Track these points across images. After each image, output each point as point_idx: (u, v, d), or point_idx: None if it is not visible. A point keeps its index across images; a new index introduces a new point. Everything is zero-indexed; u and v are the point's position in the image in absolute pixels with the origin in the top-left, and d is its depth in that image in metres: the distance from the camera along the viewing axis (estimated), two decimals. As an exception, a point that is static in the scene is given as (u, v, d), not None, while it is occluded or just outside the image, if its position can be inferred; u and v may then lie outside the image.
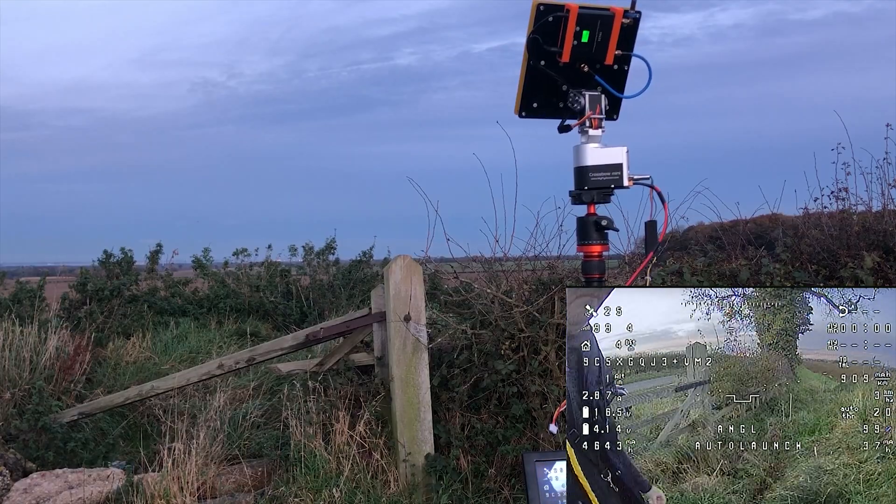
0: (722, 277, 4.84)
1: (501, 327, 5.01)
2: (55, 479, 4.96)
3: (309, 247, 11.29)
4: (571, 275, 5.14)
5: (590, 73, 2.16)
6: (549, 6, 2.09)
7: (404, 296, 4.98)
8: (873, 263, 4.51)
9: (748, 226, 5.80)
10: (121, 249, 9.99)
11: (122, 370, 7.78)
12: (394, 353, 4.98)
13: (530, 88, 2.18)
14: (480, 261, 5.55)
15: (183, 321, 9.54)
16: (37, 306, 8.66)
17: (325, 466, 4.71)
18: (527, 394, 4.89)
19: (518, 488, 4.59)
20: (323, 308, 10.02)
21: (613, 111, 2.24)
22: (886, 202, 5.18)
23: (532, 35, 2.10)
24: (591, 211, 2.15)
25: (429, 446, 4.92)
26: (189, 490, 4.54)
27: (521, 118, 2.22)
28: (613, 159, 2.11)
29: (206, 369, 5.80)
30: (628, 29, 2.15)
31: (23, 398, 6.19)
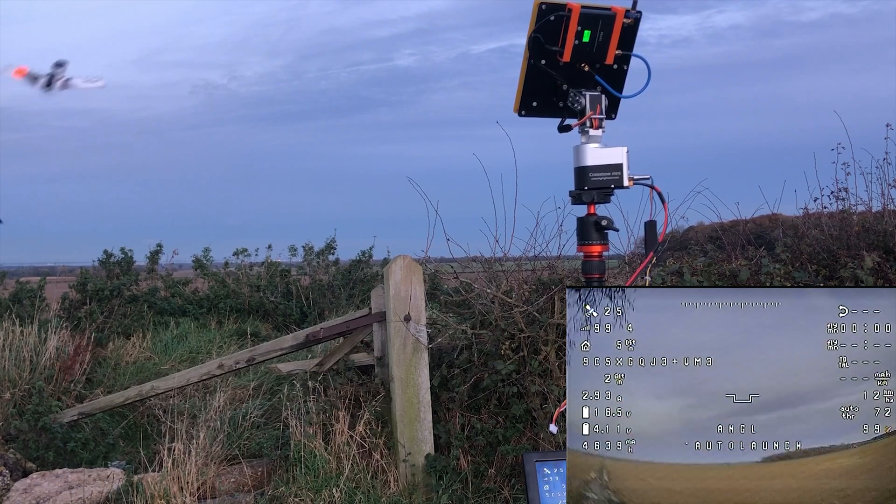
0: (722, 277, 4.84)
1: (501, 327, 5.01)
2: (55, 479, 4.96)
3: (309, 247, 11.29)
4: (571, 275, 5.14)
5: (590, 73, 2.16)
6: (550, 5, 2.08)
7: (404, 296, 4.98)
8: (873, 263, 4.51)
9: (748, 226, 5.80)
10: (121, 249, 10.00)
11: (122, 370, 7.78)
12: (394, 353, 4.97)
13: (530, 87, 2.17)
14: (480, 261, 5.55)
15: (183, 321, 9.54)
16: (37, 306, 8.67)
17: (325, 466, 4.71)
18: (527, 394, 4.88)
19: (518, 488, 4.59)
20: (323, 308, 10.02)
21: (612, 110, 2.24)
22: (886, 202, 5.19)
23: (533, 34, 2.09)
24: (591, 211, 2.15)
25: (429, 446, 4.92)
26: (189, 490, 4.54)
27: (521, 117, 2.22)
28: (613, 159, 2.11)
29: (206, 369, 5.80)
30: (629, 29, 2.15)
31: (23, 398, 6.19)
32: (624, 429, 1.58)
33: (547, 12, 2.08)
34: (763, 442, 1.57)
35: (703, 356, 1.59)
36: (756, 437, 1.57)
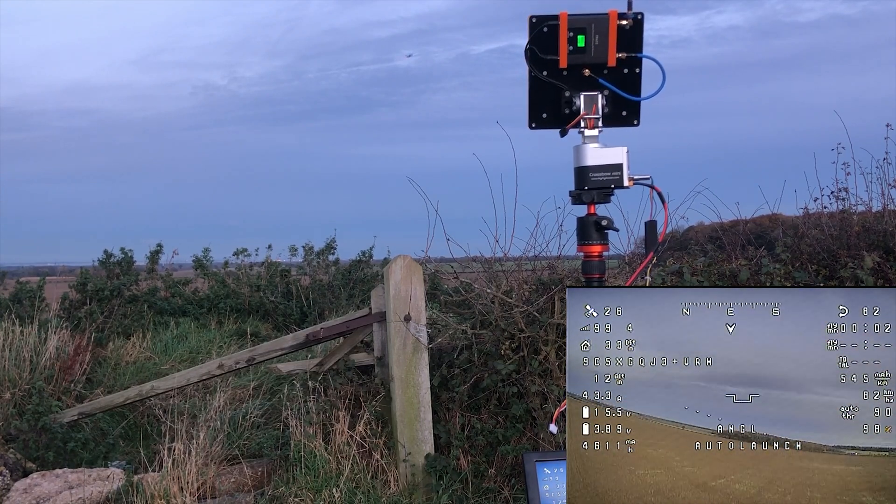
0: (722, 277, 4.84)
1: (501, 327, 5.01)
2: (55, 479, 4.96)
3: (309, 247, 11.30)
4: (571, 275, 5.14)
5: (592, 78, 2.17)
6: (541, 17, 2.15)
7: (404, 296, 4.98)
8: (873, 263, 4.51)
9: (748, 226, 5.80)
10: (121, 249, 10.01)
11: (122, 370, 7.78)
12: (394, 353, 4.97)
13: (537, 100, 2.22)
14: (480, 261, 5.54)
15: (183, 321, 9.54)
16: (37, 306, 8.67)
17: (325, 466, 4.71)
18: (527, 394, 4.89)
19: (518, 488, 4.59)
20: (323, 308, 10.02)
21: (633, 117, 2.24)
22: (886, 202, 5.19)
23: (528, 46, 2.14)
24: (591, 211, 2.15)
25: (429, 446, 4.92)
26: (189, 490, 4.54)
27: (533, 130, 2.25)
28: (613, 159, 2.11)
29: (206, 369, 5.80)
30: (630, 31, 2.15)
31: (23, 398, 6.19)
32: (624, 429, 1.58)
33: (538, 24, 2.15)
34: (763, 442, 1.57)
35: (703, 356, 1.59)
36: (756, 437, 1.57)
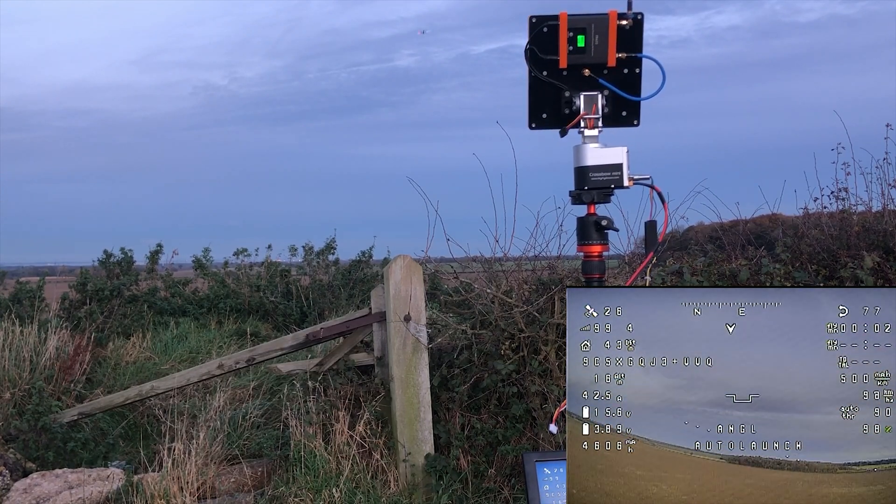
0: (722, 277, 4.84)
1: (501, 327, 5.01)
2: (55, 479, 4.96)
3: (309, 247, 11.30)
4: (571, 275, 5.14)
5: (592, 78, 2.17)
6: (541, 17, 2.15)
7: (404, 296, 4.98)
8: (873, 263, 4.51)
9: (748, 226, 5.80)
10: (121, 249, 10.01)
11: (122, 370, 7.78)
12: (394, 353, 4.97)
13: (537, 100, 2.22)
14: (480, 261, 5.54)
15: (183, 321, 9.55)
16: (37, 306, 8.67)
17: (325, 466, 4.71)
18: (527, 394, 4.89)
19: (518, 488, 4.59)
20: (323, 308, 10.02)
21: (633, 117, 2.24)
22: (886, 202, 5.19)
23: (528, 46, 2.14)
24: (591, 211, 2.15)
25: (429, 446, 4.92)
26: (189, 490, 4.55)
27: (533, 130, 2.25)
28: (613, 159, 2.12)
29: (206, 369, 5.80)
30: (630, 31, 2.15)
31: (23, 398, 6.19)
32: (624, 429, 1.58)
33: (538, 24, 2.16)
34: (763, 442, 1.57)
35: (703, 356, 1.59)
36: (756, 437, 1.57)
